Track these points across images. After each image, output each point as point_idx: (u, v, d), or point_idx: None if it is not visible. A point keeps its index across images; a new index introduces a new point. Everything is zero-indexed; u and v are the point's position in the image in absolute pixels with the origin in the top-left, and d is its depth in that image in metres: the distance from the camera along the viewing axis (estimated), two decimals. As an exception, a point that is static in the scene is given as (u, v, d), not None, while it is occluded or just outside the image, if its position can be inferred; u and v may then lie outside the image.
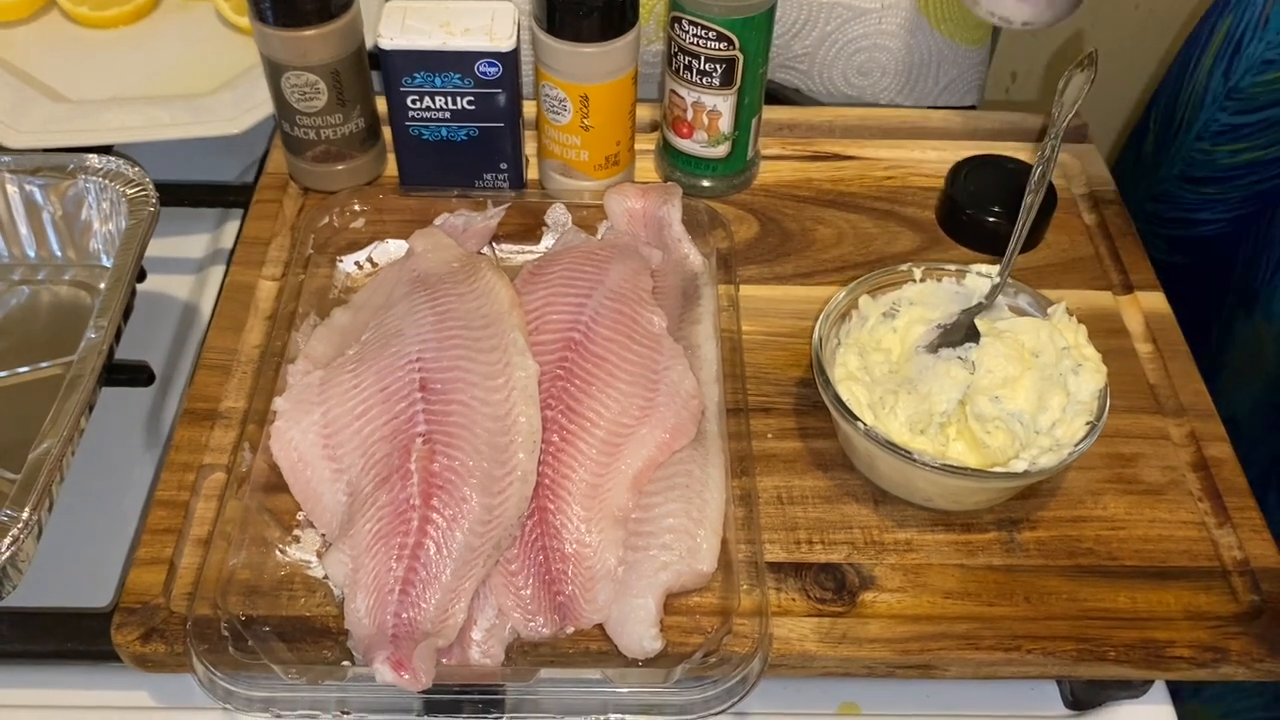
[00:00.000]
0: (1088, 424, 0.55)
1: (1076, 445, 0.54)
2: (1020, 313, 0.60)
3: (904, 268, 0.61)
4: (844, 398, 0.56)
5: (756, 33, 0.66)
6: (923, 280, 0.61)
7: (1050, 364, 0.57)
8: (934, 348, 0.58)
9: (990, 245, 0.69)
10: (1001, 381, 0.56)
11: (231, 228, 0.77)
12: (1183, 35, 1.06)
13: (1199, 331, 0.81)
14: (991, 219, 0.69)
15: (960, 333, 0.58)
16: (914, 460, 0.53)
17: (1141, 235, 0.72)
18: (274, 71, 0.66)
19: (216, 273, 0.75)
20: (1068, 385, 0.56)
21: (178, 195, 0.74)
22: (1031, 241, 0.71)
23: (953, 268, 0.61)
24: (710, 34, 0.65)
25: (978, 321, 0.59)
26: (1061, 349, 0.57)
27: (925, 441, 0.56)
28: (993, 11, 0.71)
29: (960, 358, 0.57)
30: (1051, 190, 0.70)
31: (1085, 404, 0.56)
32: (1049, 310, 0.59)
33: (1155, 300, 0.68)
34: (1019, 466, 0.54)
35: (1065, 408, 0.56)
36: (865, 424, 0.55)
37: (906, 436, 0.56)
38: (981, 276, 0.61)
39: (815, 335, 0.58)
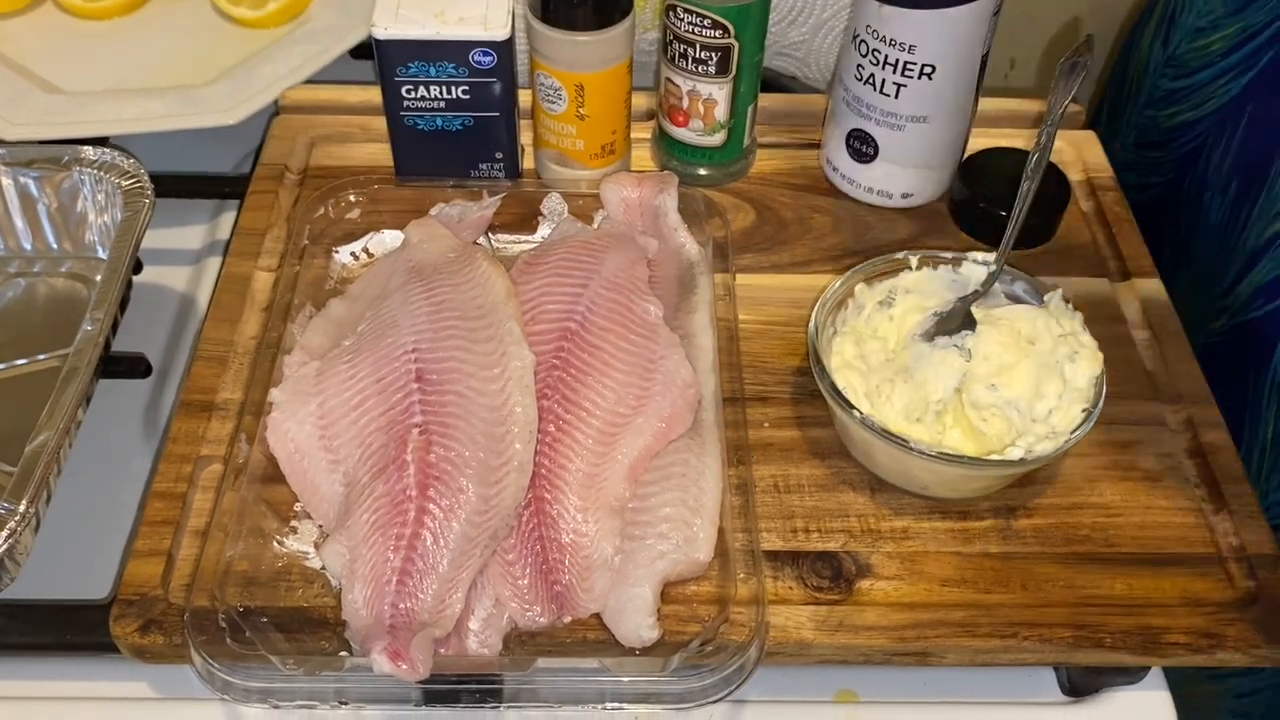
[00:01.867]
0: (1084, 411, 0.55)
1: (1073, 433, 0.54)
2: (1017, 300, 0.60)
3: (900, 256, 0.61)
4: (840, 386, 0.56)
5: (752, 21, 0.66)
6: (919, 268, 0.61)
7: (1046, 351, 0.57)
8: (930, 336, 0.58)
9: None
10: (998, 369, 0.56)
11: (228, 219, 0.77)
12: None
13: None
14: (1004, 212, 0.68)
15: (956, 320, 0.58)
16: (910, 448, 0.53)
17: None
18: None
19: (213, 264, 0.75)
20: (1064, 372, 0.56)
21: (173, 186, 0.74)
22: (1044, 235, 0.70)
23: (949, 255, 0.61)
24: (705, 22, 0.65)
25: (974, 309, 0.59)
26: (1058, 336, 0.57)
27: (922, 430, 0.56)
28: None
29: (956, 346, 0.57)
30: (1065, 182, 0.70)
31: (1082, 391, 0.56)
32: (1045, 297, 0.59)
33: (1152, 287, 0.68)
34: (1015, 454, 0.54)
35: (1062, 395, 0.56)
36: (861, 412, 0.55)
37: (903, 425, 0.56)
38: (978, 264, 0.61)
39: (811, 324, 0.58)
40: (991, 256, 0.61)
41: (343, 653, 0.51)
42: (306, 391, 0.56)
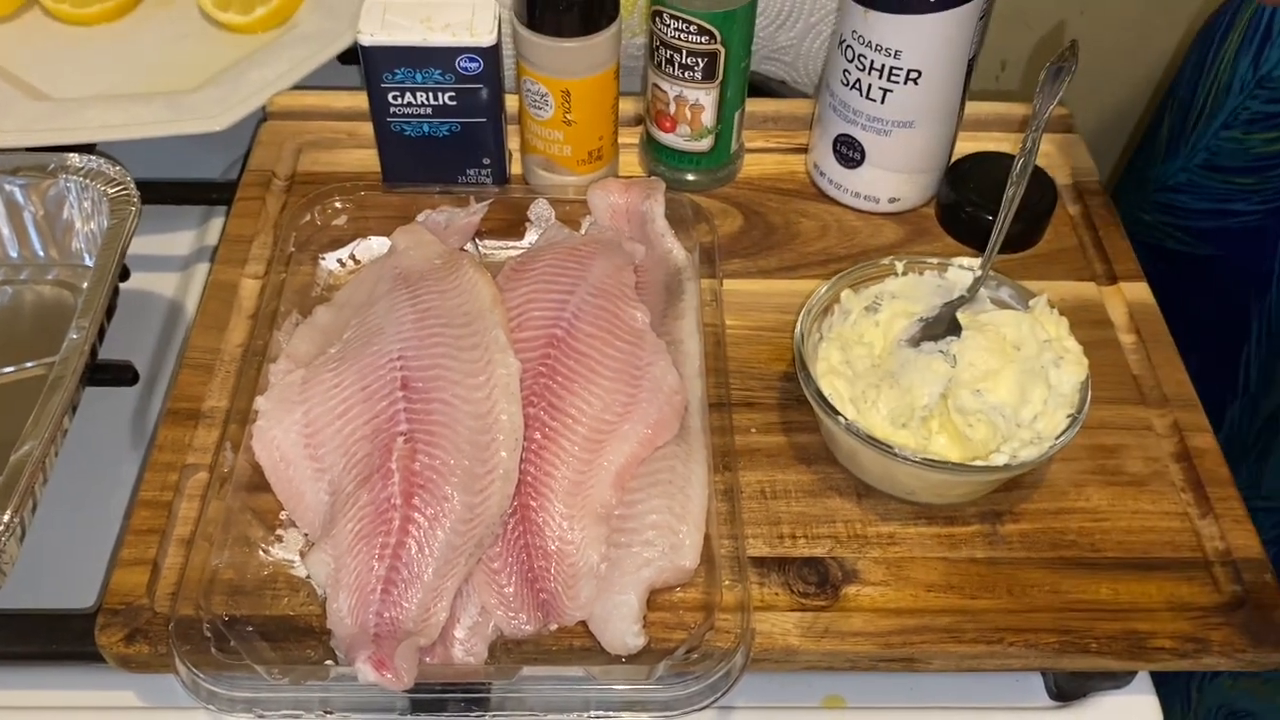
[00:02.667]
0: (1069, 416, 0.55)
1: (1057, 438, 0.54)
2: (1002, 305, 0.60)
3: (886, 261, 0.61)
4: (826, 392, 0.56)
5: (738, 26, 0.66)
6: (904, 274, 0.61)
7: (1032, 357, 0.57)
8: (916, 341, 0.58)
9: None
10: (983, 375, 0.56)
11: (216, 225, 0.77)
12: (1191, 25, 1.06)
13: (1237, 326, 0.78)
14: (991, 216, 0.68)
15: (942, 326, 0.58)
16: (895, 454, 0.53)
17: (1151, 226, 0.71)
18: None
19: (201, 270, 0.74)
20: (1049, 378, 0.56)
21: (160, 193, 0.74)
22: (1031, 239, 0.70)
23: (934, 261, 0.61)
24: (692, 28, 0.65)
25: (960, 315, 0.59)
26: (1043, 341, 0.57)
27: (907, 435, 0.56)
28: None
29: (942, 351, 0.57)
30: (1052, 187, 0.70)
31: (1067, 397, 0.56)
32: (1030, 303, 0.59)
33: (1139, 290, 0.68)
34: (1000, 460, 0.54)
35: (1047, 400, 0.56)
36: (847, 419, 0.55)
37: (889, 430, 0.56)
38: (963, 269, 0.61)
39: (797, 330, 0.58)
40: (977, 262, 0.61)
41: (328, 662, 0.51)
42: (292, 400, 0.56)
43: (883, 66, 0.65)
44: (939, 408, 0.56)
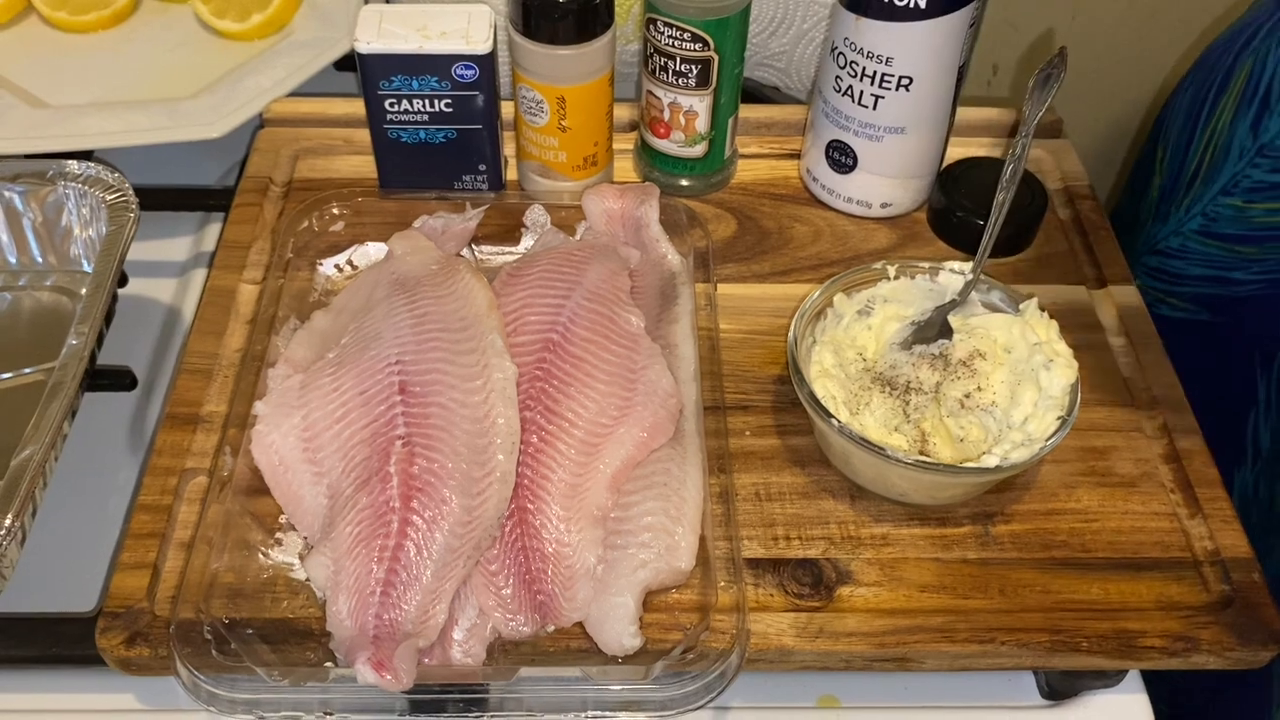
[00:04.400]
0: (1059, 419, 0.56)
1: (1048, 440, 0.55)
2: (993, 309, 0.61)
3: (878, 265, 0.62)
4: (819, 395, 0.57)
5: (731, 34, 0.67)
6: (896, 278, 0.62)
7: (1022, 360, 0.57)
8: (908, 344, 0.59)
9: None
10: (974, 377, 0.57)
11: (213, 231, 0.77)
12: (1183, 30, 1.06)
13: (1242, 394, 0.74)
14: (982, 221, 0.69)
15: (933, 329, 0.59)
16: (888, 456, 0.54)
17: (1146, 291, 0.69)
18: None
19: (199, 276, 0.75)
20: (1039, 380, 0.57)
21: (158, 199, 0.75)
22: (1021, 243, 0.71)
23: (926, 265, 0.62)
24: (685, 35, 0.66)
25: (951, 318, 0.59)
26: (1033, 345, 0.58)
27: (900, 438, 0.56)
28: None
29: (934, 354, 0.58)
30: (1043, 191, 0.71)
31: (1057, 399, 0.56)
32: (1021, 306, 0.60)
33: (1128, 294, 0.69)
34: (991, 461, 0.54)
35: (1037, 403, 0.56)
36: (840, 421, 0.55)
37: (882, 433, 0.57)
38: (954, 273, 0.61)
39: (791, 334, 0.59)
40: (968, 266, 0.61)
41: (328, 664, 0.51)
42: (290, 404, 0.57)
43: (874, 73, 0.66)
44: (931, 410, 0.57)
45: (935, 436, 0.56)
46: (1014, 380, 0.57)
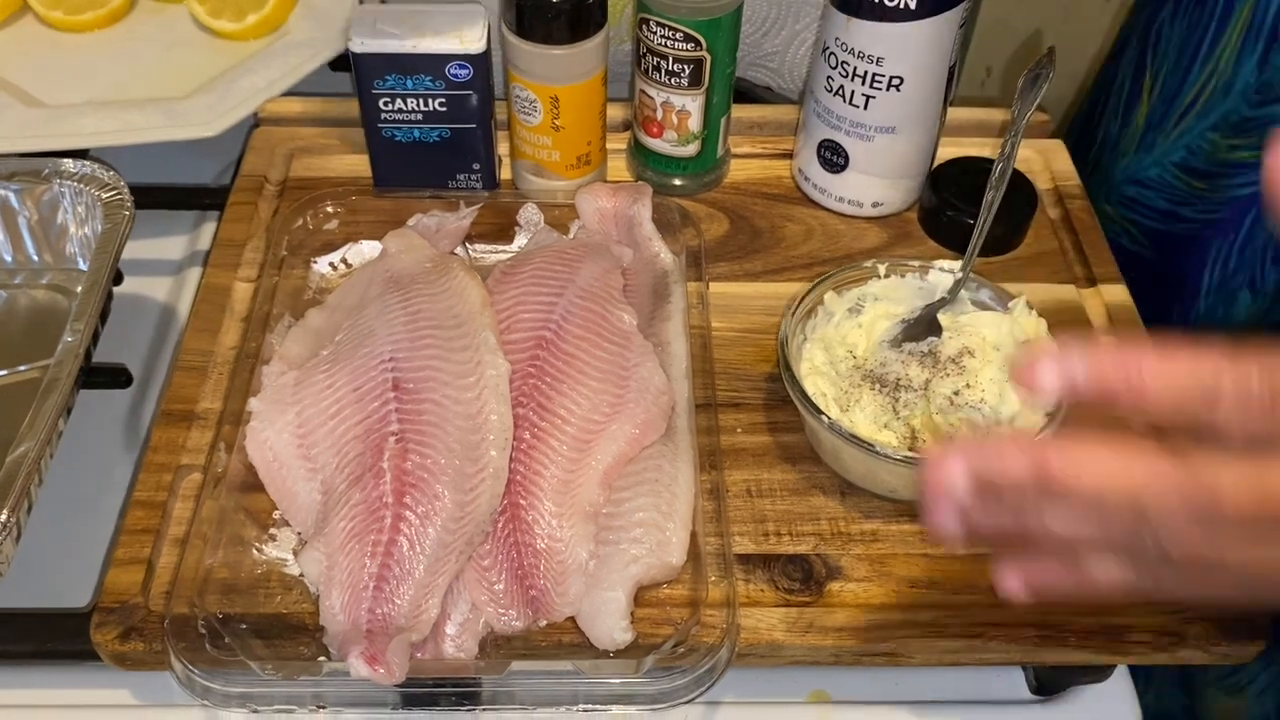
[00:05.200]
0: (1048, 415, 0.56)
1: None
2: (983, 307, 0.61)
3: (869, 264, 0.63)
4: (810, 393, 0.57)
5: (724, 33, 0.67)
6: (887, 276, 0.62)
7: (1009, 357, 0.58)
8: (897, 342, 0.59)
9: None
10: (963, 375, 0.57)
11: (209, 229, 0.78)
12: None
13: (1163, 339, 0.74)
14: (973, 220, 0.69)
15: (923, 327, 0.59)
16: (877, 453, 0.54)
17: (1111, 220, 0.69)
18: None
19: (194, 274, 0.75)
20: None
21: (153, 198, 0.75)
22: (1011, 242, 0.72)
23: (916, 263, 0.63)
24: (677, 35, 0.66)
25: (940, 316, 0.60)
26: (1021, 342, 0.58)
27: (890, 435, 0.57)
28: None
29: (923, 352, 0.59)
30: (1032, 191, 0.72)
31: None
32: (1009, 304, 0.60)
33: (1117, 293, 0.69)
34: None
35: (1024, 401, 0.57)
36: (830, 418, 0.56)
37: (872, 430, 0.57)
38: (944, 272, 0.62)
39: (781, 332, 0.59)
40: (958, 264, 0.62)
41: (321, 658, 0.52)
42: (285, 401, 0.57)
43: (865, 73, 0.66)
44: (921, 408, 0.57)
45: (925, 433, 0.57)
46: (1002, 378, 0.57)
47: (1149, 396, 0.34)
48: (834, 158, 0.71)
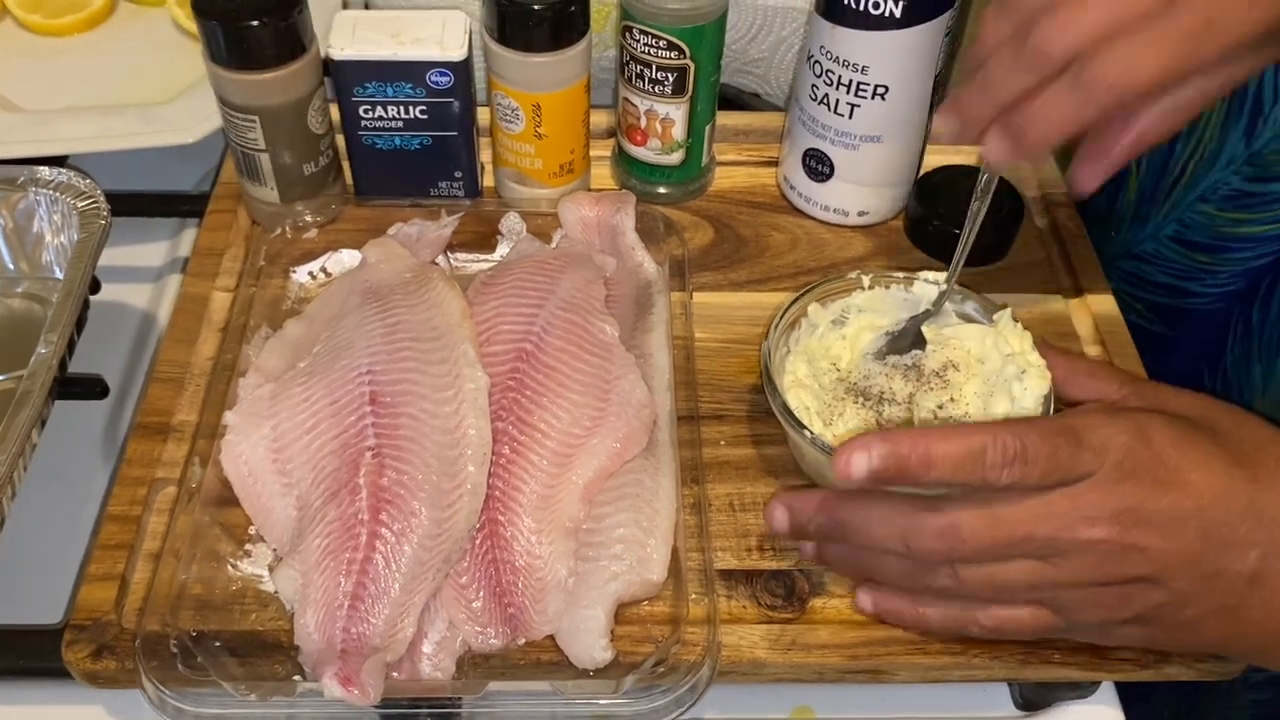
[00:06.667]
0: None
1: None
2: (968, 319, 0.61)
3: (853, 275, 0.62)
4: (793, 406, 0.56)
5: (707, 42, 0.66)
6: (871, 288, 0.62)
7: (995, 371, 0.57)
8: (882, 355, 0.59)
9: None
10: (946, 388, 0.57)
11: (189, 237, 0.77)
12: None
13: None
14: (959, 230, 0.69)
15: (907, 340, 0.59)
16: None
17: (1118, 295, 0.69)
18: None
19: (174, 282, 0.74)
20: (1012, 391, 0.56)
21: (132, 205, 0.74)
22: (998, 252, 0.71)
23: (900, 275, 0.62)
24: (661, 43, 0.66)
25: (925, 329, 0.59)
26: (1006, 355, 0.58)
27: None
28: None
29: (907, 365, 0.58)
30: (1019, 200, 0.71)
31: (1030, 410, 0.56)
32: (994, 316, 0.60)
33: (1105, 303, 0.69)
34: None
35: (1009, 414, 0.56)
36: (812, 432, 0.55)
37: None
38: (929, 283, 0.61)
39: (764, 345, 0.59)
40: (943, 276, 0.61)
41: (295, 677, 0.51)
42: (260, 414, 0.56)
43: (850, 82, 0.65)
44: (905, 421, 0.57)
45: None
46: (986, 391, 0.57)
47: (935, 465, 0.44)
48: (819, 166, 0.70)
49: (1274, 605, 0.46)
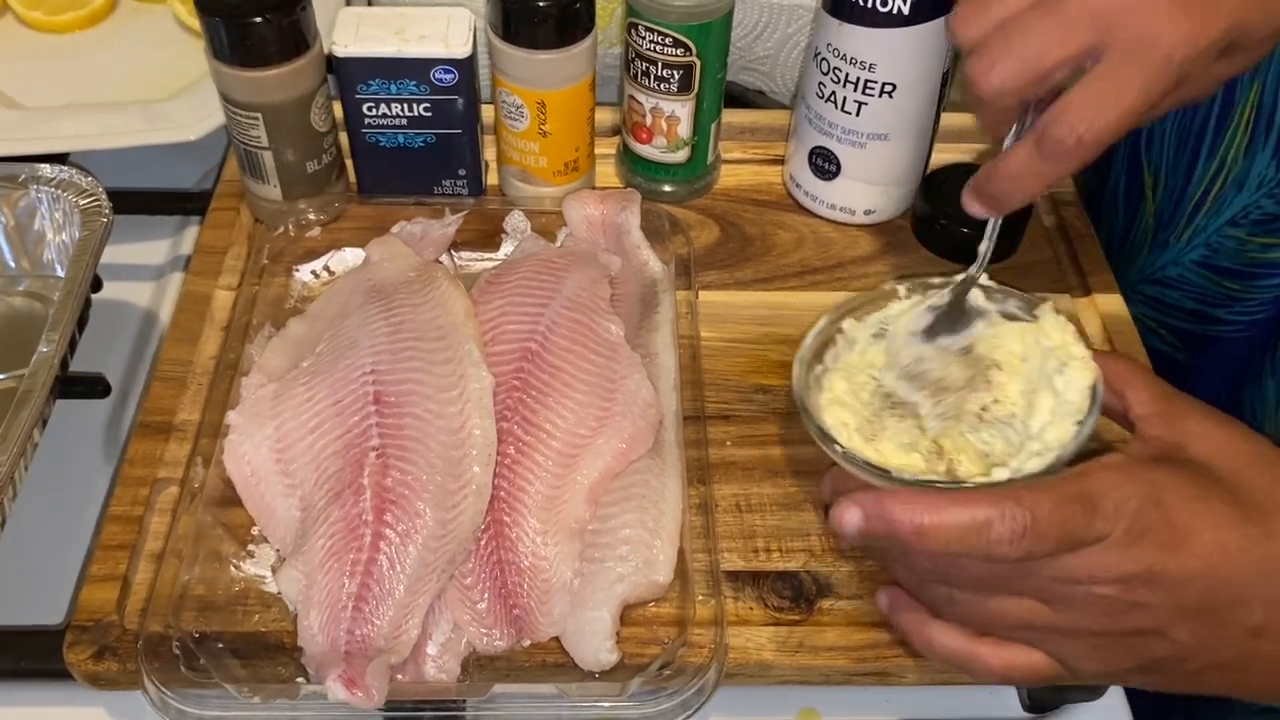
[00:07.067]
0: (1076, 424, 0.53)
1: (1064, 448, 0.52)
2: (1010, 318, 0.58)
3: (887, 286, 0.59)
4: (829, 424, 0.53)
5: (713, 39, 0.66)
6: (908, 296, 0.58)
7: (1037, 367, 0.55)
8: (931, 335, 0.56)
9: (965, 254, 0.66)
10: (990, 389, 0.55)
11: (191, 235, 0.76)
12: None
13: None
14: (966, 229, 0.68)
15: (957, 316, 0.56)
16: (892, 478, 0.51)
17: (1136, 319, 0.68)
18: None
19: (176, 280, 0.74)
20: (1054, 386, 0.54)
21: (134, 203, 0.73)
22: (1006, 250, 0.70)
23: (938, 280, 0.59)
24: (667, 40, 0.65)
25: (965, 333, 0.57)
26: (1046, 349, 0.55)
27: (917, 457, 0.54)
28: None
29: (962, 348, 0.55)
30: None
31: (1075, 404, 0.53)
32: (1036, 311, 0.57)
33: (1113, 303, 0.68)
34: (1002, 475, 0.51)
35: (1054, 409, 0.54)
36: (843, 446, 0.52)
37: (900, 453, 0.54)
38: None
39: (795, 372, 0.55)
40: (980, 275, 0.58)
41: (299, 679, 0.50)
42: (263, 414, 0.56)
43: (857, 79, 0.65)
44: (951, 429, 0.54)
45: (961, 454, 0.54)
46: (1030, 389, 0.55)
47: (928, 536, 0.43)
48: (826, 164, 0.70)
49: (1278, 657, 0.45)
